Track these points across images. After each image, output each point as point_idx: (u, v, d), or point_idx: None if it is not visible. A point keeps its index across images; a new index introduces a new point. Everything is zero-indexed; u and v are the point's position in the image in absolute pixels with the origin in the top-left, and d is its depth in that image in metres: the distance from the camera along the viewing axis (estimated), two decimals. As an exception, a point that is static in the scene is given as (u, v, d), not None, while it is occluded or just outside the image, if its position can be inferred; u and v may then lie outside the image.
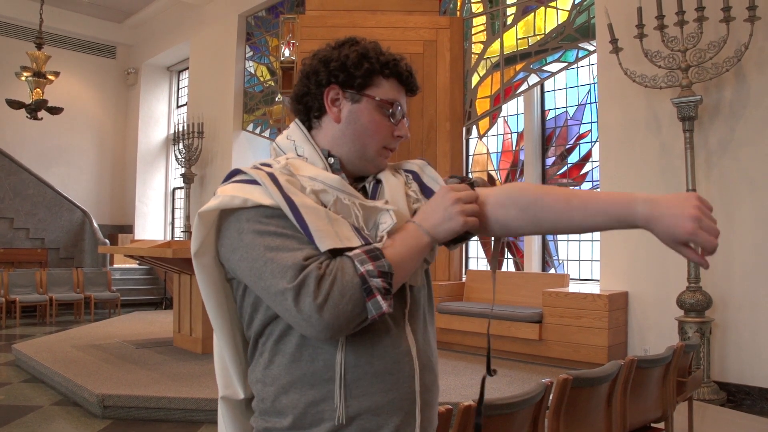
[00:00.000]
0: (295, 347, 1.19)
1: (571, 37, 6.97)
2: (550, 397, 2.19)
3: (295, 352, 1.19)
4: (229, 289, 1.28)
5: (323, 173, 1.25)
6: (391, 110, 1.33)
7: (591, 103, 7.12)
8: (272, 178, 1.18)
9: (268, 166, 1.26)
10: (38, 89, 9.57)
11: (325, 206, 1.19)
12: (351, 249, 1.14)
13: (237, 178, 1.23)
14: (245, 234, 1.15)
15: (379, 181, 1.35)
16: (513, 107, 7.91)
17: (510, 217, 1.25)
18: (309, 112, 1.36)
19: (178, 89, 13.87)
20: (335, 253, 1.13)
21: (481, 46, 7.86)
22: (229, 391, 1.32)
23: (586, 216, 1.18)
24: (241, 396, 1.31)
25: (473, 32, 7.97)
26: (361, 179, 1.36)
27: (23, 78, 9.58)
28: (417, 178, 1.39)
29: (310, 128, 1.36)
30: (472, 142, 8.31)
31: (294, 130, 1.37)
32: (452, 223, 1.21)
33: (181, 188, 12.58)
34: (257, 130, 10.67)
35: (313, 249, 1.12)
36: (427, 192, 1.36)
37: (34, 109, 9.60)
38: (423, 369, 1.26)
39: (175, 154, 11.82)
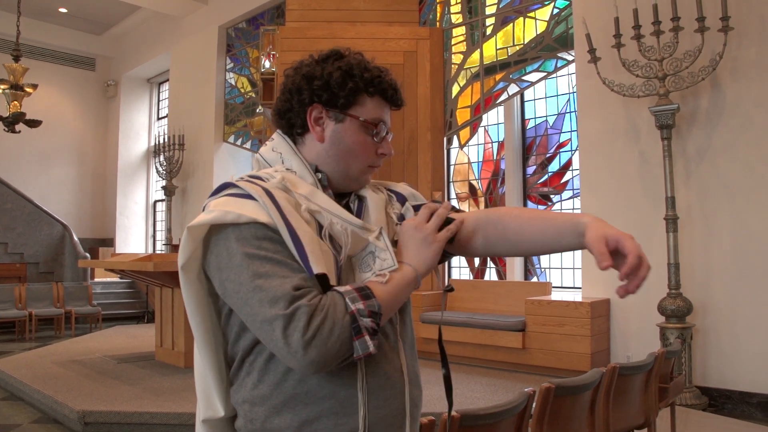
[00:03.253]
0: (286, 366, 1.16)
1: (549, 47, 7.04)
2: (533, 406, 2.19)
3: (286, 370, 1.17)
4: (213, 303, 1.25)
5: (319, 194, 1.24)
6: (375, 130, 1.32)
7: (570, 112, 7.18)
8: (269, 194, 1.16)
9: (259, 179, 1.23)
10: (16, 102, 9.45)
11: (321, 226, 1.20)
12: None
13: (229, 191, 1.21)
14: (234, 255, 1.12)
15: (361, 198, 1.34)
16: (493, 117, 7.96)
17: (488, 234, 1.32)
18: (292, 128, 1.34)
19: (159, 101, 13.79)
20: (323, 283, 1.13)
21: (461, 56, 7.91)
22: (210, 412, 1.28)
23: (544, 224, 1.26)
24: (222, 414, 1.27)
25: (453, 42, 8.02)
26: (343, 194, 1.35)
27: (0, 91, 9.47)
28: (402, 200, 1.41)
29: (294, 143, 1.34)
30: (453, 152, 8.34)
31: (280, 142, 1.34)
32: (429, 250, 1.26)
33: (162, 201, 12.49)
34: (238, 142, 10.64)
35: (302, 278, 1.11)
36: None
37: (12, 122, 9.47)
38: (411, 384, 1.27)
39: (155, 167, 11.74)
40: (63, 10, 12.17)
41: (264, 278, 1.09)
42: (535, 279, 7.43)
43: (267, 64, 8.28)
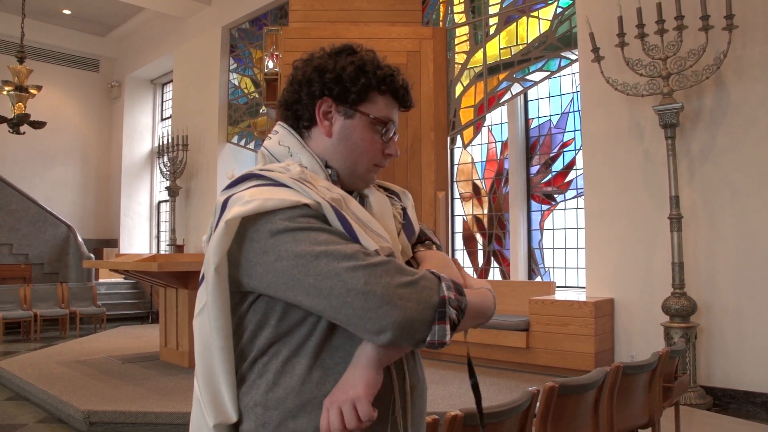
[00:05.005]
0: (306, 369, 1.12)
1: (553, 46, 7.04)
2: (537, 405, 2.19)
3: (305, 374, 1.12)
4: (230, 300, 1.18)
5: (337, 189, 1.21)
6: (384, 129, 1.29)
7: (574, 111, 7.17)
8: (300, 181, 1.15)
9: (273, 172, 1.19)
10: (20, 103, 9.48)
11: None
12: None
13: (256, 182, 1.17)
14: (283, 233, 1.08)
15: (363, 196, 1.33)
16: (497, 116, 7.96)
17: None
18: (298, 120, 1.30)
19: (162, 102, 13.82)
20: None
21: (465, 56, 7.91)
22: (222, 417, 1.17)
23: None
24: (234, 419, 1.17)
25: (456, 42, 8.02)
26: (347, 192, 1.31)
27: (5, 92, 9.50)
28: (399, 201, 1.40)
29: (300, 136, 1.31)
30: (457, 152, 8.34)
31: (286, 135, 1.30)
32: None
33: (166, 201, 12.51)
34: (242, 142, 10.65)
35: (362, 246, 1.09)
36: (406, 218, 1.37)
37: (17, 124, 9.50)
38: (420, 396, 1.28)
39: (159, 167, 11.77)
40: (67, 11, 12.21)
41: (325, 245, 1.06)
42: (539, 278, 7.42)
43: (270, 64, 8.29)
